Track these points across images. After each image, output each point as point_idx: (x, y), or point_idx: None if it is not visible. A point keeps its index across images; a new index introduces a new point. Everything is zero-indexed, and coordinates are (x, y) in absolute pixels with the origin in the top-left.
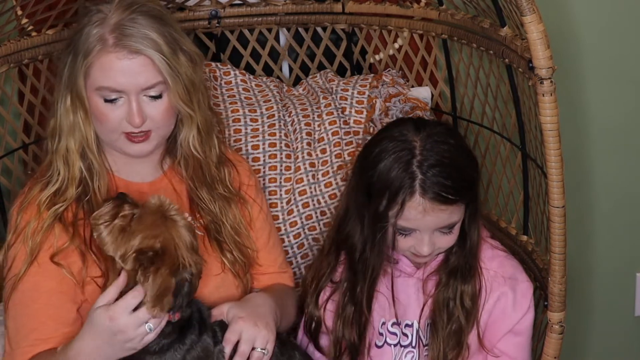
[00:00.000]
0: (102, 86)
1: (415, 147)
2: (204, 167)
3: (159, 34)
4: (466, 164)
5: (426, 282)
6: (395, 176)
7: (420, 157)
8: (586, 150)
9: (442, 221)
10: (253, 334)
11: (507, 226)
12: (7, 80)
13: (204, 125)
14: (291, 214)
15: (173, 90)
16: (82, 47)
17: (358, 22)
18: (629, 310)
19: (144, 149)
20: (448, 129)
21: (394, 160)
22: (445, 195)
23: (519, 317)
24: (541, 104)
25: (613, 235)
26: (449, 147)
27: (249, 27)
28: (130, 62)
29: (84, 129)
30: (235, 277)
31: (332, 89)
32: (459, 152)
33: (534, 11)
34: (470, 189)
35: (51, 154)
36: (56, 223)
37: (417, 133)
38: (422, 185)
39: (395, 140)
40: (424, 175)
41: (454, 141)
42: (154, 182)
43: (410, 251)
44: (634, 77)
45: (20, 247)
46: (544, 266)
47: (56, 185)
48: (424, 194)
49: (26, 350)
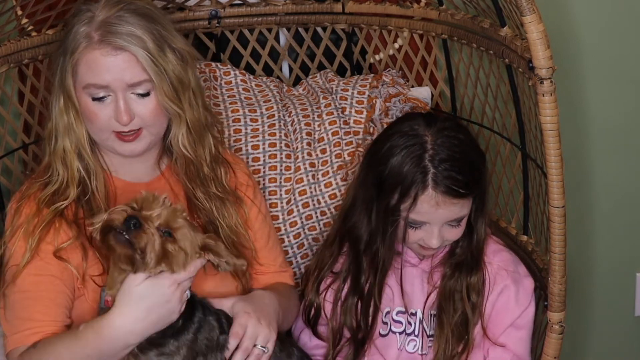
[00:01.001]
0: (88, 83)
1: (427, 141)
2: (196, 166)
3: (145, 30)
4: (475, 158)
5: (432, 273)
6: (408, 170)
7: (432, 152)
8: (586, 150)
9: (453, 214)
10: (256, 330)
11: (507, 226)
12: (7, 80)
13: (195, 124)
14: (291, 214)
15: (159, 87)
16: (69, 46)
17: (358, 22)
18: (629, 310)
19: (135, 149)
20: (457, 124)
21: (405, 155)
22: (457, 189)
23: (521, 311)
24: (541, 104)
25: (613, 235)
26: (459, 142)
27: (249, 27)
28: (114, 58)
29: (77, 129)
30: (234, 277)
31: (332, 89)
32: (469, 147)
33: (534, 11)
34: (478, 183)
35: (49, 156)
36: (58, 218)
37: (427, 128)
38: (434, 179)
39: (406, 135)
40: (435, 169)
41: (463, 136)
42: (151, 182)
43: (419, 243)
44: (634, 77)
45: (19, 241)
46: (544, 266)
47: (56, 186)
48: (436, 187)
49: (27, 333)
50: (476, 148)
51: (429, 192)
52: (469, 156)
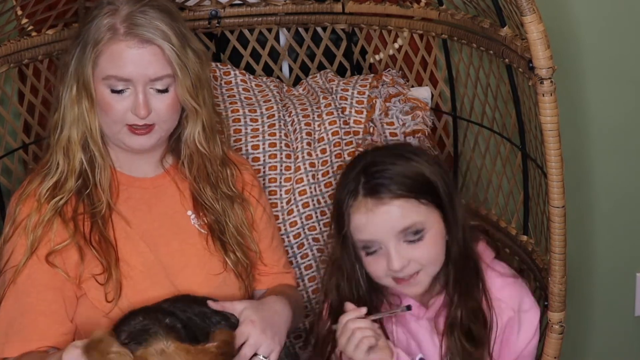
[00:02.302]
0: (110, 75)
1: (367, 160)
2: (209, 164)
3: (169, 26)
4: (417, 162)
5: (437, 320)
6: (345, 191)
7: (367, 166)
8: (586, 150)
9: (394, 221)
10: (259, 340)
11: (507, 226)
12: (7, 80)
13: (209, 122)
14: (291, 214)
15: (181, 83)
16: (92, 37)
17: (358, 22)
18: (629, 310)
19: (145, 143)
20: (417, 147)
21: (344, 178)
22: (386, 187)
23: (525, 344)
24: (541, 104)
25: (613, 235)
26: (398, 151)
27: (249, 27)
28: (141, 51)
29: (88, 120)
30: (237, 277)
31: (332, 89)
32: (410, 154)
33: (534, 11)
34: (422, 188)
35: (51, 148)
36: (56, 218)
37: (373, 151)
38: (364, 186)
39: (352, 162)
40: (366, 177)
41: (408, 149)
42: (156, 178)
43: (389, 276)
44: (634, 77)
45: (19, 240)
46: (544, 266)
47: (55, 177)
48: (365, 194)
49: (16, 345)
50: (420, 155)
51: (359, 200)
52: (406, 158)
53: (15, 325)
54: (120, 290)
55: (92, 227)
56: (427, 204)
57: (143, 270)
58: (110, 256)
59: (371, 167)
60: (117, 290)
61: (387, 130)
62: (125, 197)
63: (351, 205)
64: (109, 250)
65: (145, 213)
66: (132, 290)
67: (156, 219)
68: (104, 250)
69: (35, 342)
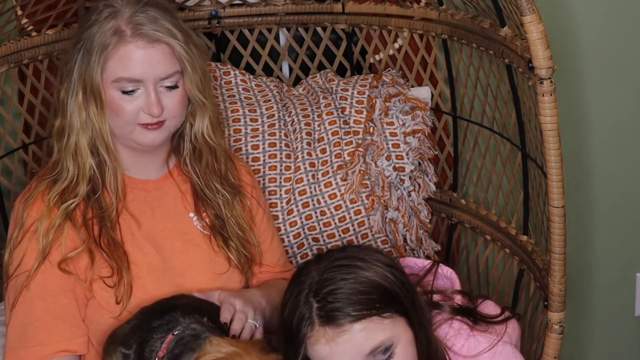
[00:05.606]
0: (120, 77)
1: (313, 279)
2: (217, 156)
3: (172, 24)
4: (367, 271)
5: None
6: (298, 318)
7: (315, 287)
8: (586, 150)
9: (360, 346)
10: (246, 308)
11: (507, 226)
12: (7, 80)
13: (214, 116)
14: (291, 214)
15: (190, 78)
16: (96, 42)
17: (358, 22)
18: (629, 310)
19: (157, 138)
20: (361, 249)
21: (292, 303)
22: (343, 312)
23: None
24: (541, 104)
25: (613, 235)
26: (344, 261)
27: (249, 27)
28: (150, 50)
29: (97, 124)
30: (241, 272)
31: (332, 89)
32: (358, 261)
33: (533, 11)
34: (381, 300)
35: (58, 153)
36: (66, 222)
37: (316, 265)
38: (318, 314)
39: (295, 281)
40: (318, 302)
41: (355, 255)
42: (158, 180)
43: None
44: (634, 77)
45: (30, 244)
46: (544, 266)
47: (66, 183)
48: (322, 322)
49: (32, 350)
50: (377, 263)
51: (316, 330)
52: (361, 272)
53: (31, 330)
54: (130, 292)
55: (101, 230)
56: (390, 316)
57: (150, 271)
58: (120, 259)
59: (321, 289)
60: (127, 293)
61: (387, 130)
62: (130, 199)
63: (309, 337)
64: (119, 253)
65: (149, 215)
66: (141, 291)
67: (159, 221)
68: (114, 253)
69: (54, 345)
